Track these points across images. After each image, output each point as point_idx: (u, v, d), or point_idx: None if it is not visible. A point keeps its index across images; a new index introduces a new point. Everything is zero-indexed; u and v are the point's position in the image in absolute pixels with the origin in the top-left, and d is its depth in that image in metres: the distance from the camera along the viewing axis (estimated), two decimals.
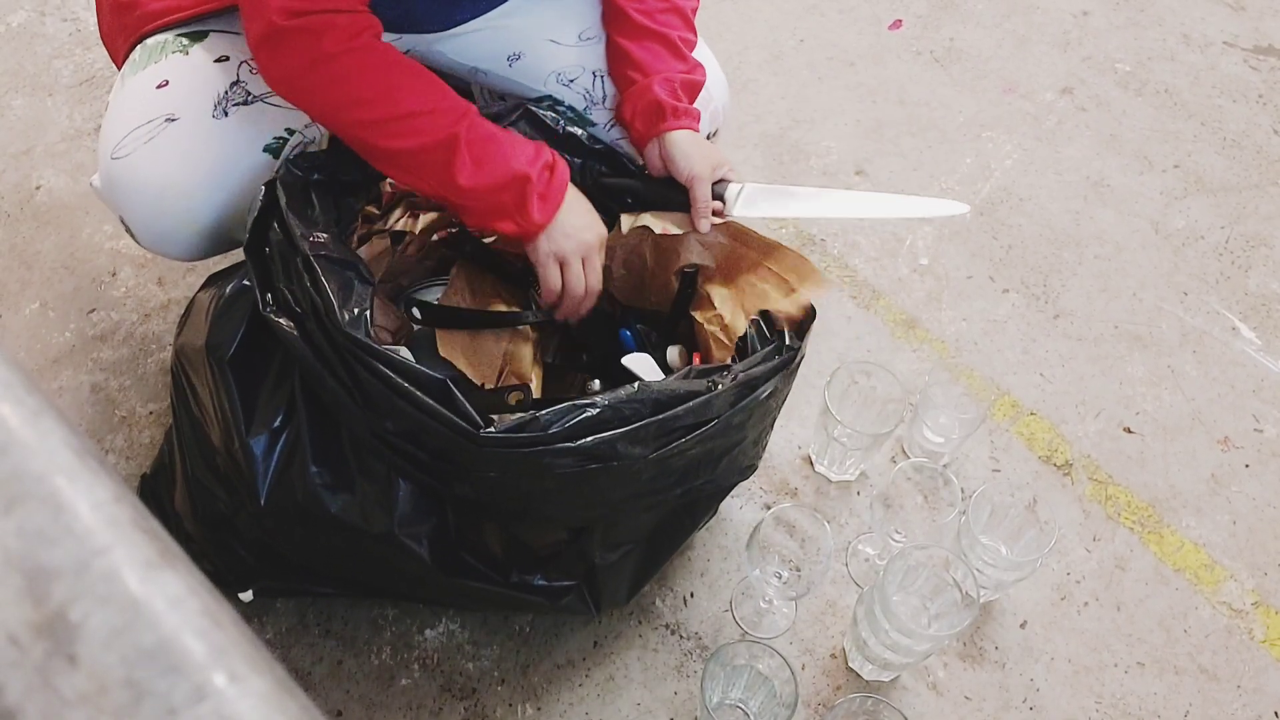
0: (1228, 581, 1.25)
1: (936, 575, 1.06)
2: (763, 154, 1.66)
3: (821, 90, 1.78)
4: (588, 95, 1.17)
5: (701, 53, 1.22)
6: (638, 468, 0.92)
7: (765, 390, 0.97)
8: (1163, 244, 1.61)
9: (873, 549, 1.23)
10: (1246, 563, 1.27)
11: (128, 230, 1.09)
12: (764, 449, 1.12)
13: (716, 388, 0.93)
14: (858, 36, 1.88)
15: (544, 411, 0.88)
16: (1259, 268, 1.59)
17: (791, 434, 1.32)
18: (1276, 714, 1.16)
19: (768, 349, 1.00)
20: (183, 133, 1.03)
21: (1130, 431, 1.38)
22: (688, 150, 1.08)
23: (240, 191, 1.05)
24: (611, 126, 1.18)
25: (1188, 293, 1.55)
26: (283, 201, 0.95)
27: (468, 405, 0.86)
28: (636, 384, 0.92)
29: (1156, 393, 1.43)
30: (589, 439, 0.87)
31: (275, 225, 0.96)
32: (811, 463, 1.30)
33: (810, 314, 1.05)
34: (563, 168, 1.01)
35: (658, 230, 1.09)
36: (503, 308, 1.20)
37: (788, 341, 1.02)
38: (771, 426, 1.10)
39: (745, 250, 1.10)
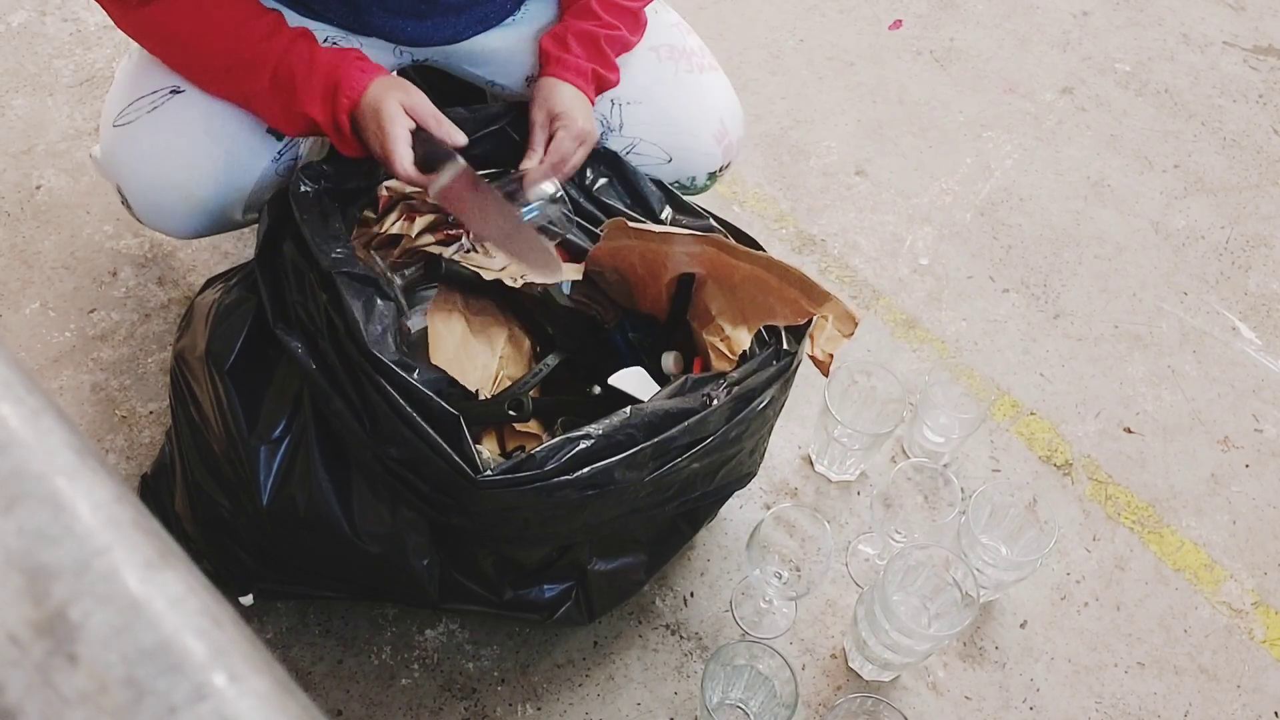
0: (1228, 581, 1.25)
1: (936, 575, 1.06)
2: (763, 154, 1.66)
3: (821, 90, 1.78)
4: (605, 121, 1.17)
5: (718, 83, 1.21)
6: (633, 489, 0.92)
7: (763, 401, 0.96)
8: (1163, 244, 1.61)
9: (873, 549, 1.23)
10: (1246, 563, 1.27)
11: (125, 203, 1.09)
12: (762, 457, 1.12)
13: (712, 403, 0.93)
14: (858, 36, 1.88)
15: (538, 449, 0.87)
16: (1259, 268, 1.59)
17: (791, 434, 1.32)
18: (1276, 714, 1.16)
19: (764, 355, 1.00)
20: (187, 103, 1.03)
21: (1130, 431, 1.38)
22: (543, 94, 1.08)
23: (241, 167, 1.05)
24: (627, 153, 1.18)
25: (1188, 293, 1.55)
26: (298, 215, 0.95)
27: (471, 446, 0.86)
28: (629, 409, 0.91)
29: (1156, 393, 1.43)
30: (585, 470, 0.87)
31: (288, 239, 0.96)
32: (811, 463, 1.30)
33: (808, 318, 1.04)
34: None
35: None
36: (497, 316, 1.20)
37: (785, 345, 1.01)
38: (769, 435, 1.10)
39: (733, 261, 1.09)
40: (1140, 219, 1.64)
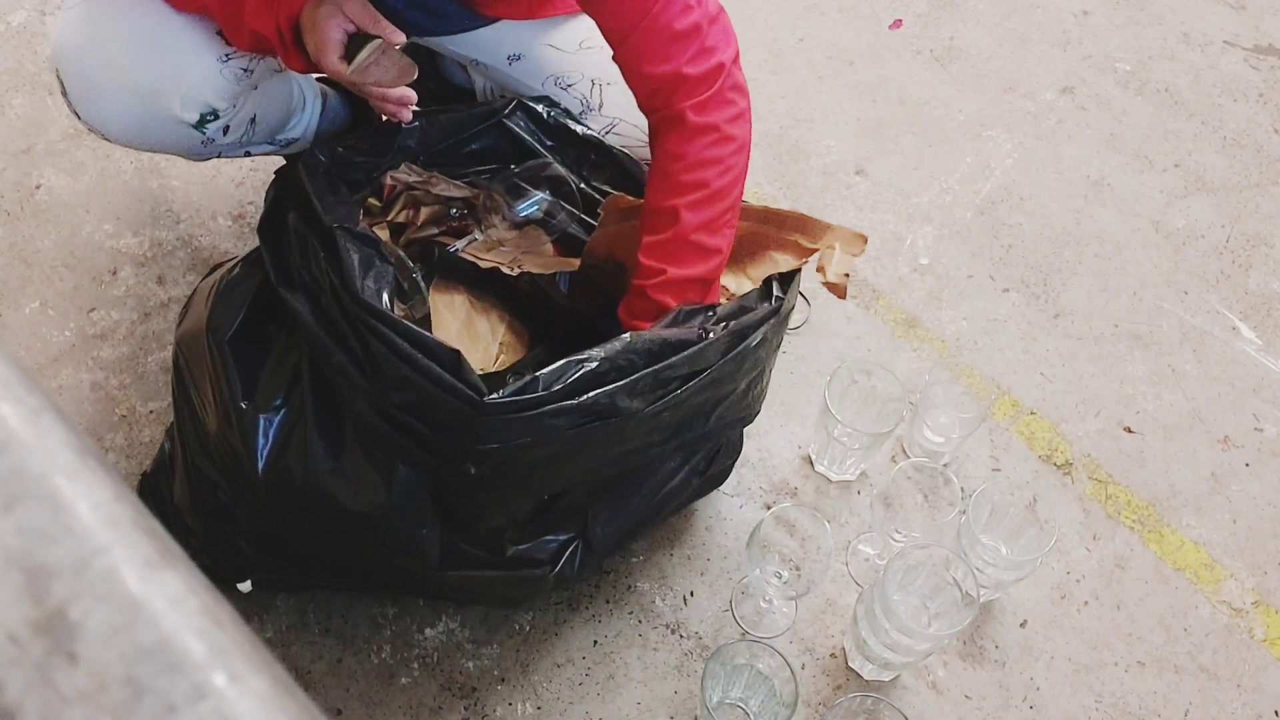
0: (1228, 580, 1.25)
1: (936, 574, 1.06)
2: (762, 153, 1.66)
3: (821, 89, 1.78)
4: (584, 101, 1.17)
5: None
6: (634, 421, 0.93)
7: (756, 338, 0.99)
8: (1163, 243, 1.61)
9: (873, 549, 1.23)
10: (1246, 562, 1.27)
11: (64, 94, 1.06)
12: (757, 401, 1.12)
13: (708, 336, 0.95)
14: (858, 36, 1.88)
15: (542, 371, 0.89)
16: (1259, 267, 1.59)
17: (791, 434, 1.32)
18: (1276, 713, 1.16)
19: (750, 293, 1.03)
20: None
21: (1130, 431, 1.38)
22: None
23: (183, 53, 1.03)
24: (606, 133, 1.18)
25: (1188, 292, 1.55)
26: (305, 177, 0.97)
27: (475, 375, 0.87)
28: (629, 334, 0.93)
29: (1157, 392, 1.43)
30: (588, 395, 0.89)
31: (293, 210, 0.98)
32: (811, 462, 1.30)
33: (812, 254, 1.06)
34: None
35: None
36: (497, 305, 1.20)
37: (774, 291, 1.03)
38: (762, 378, 1.10)
39: (742, 222, 1.10)
40: (1140, 218, 1.64)
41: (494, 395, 0.86)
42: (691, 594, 1.19)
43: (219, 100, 1.06)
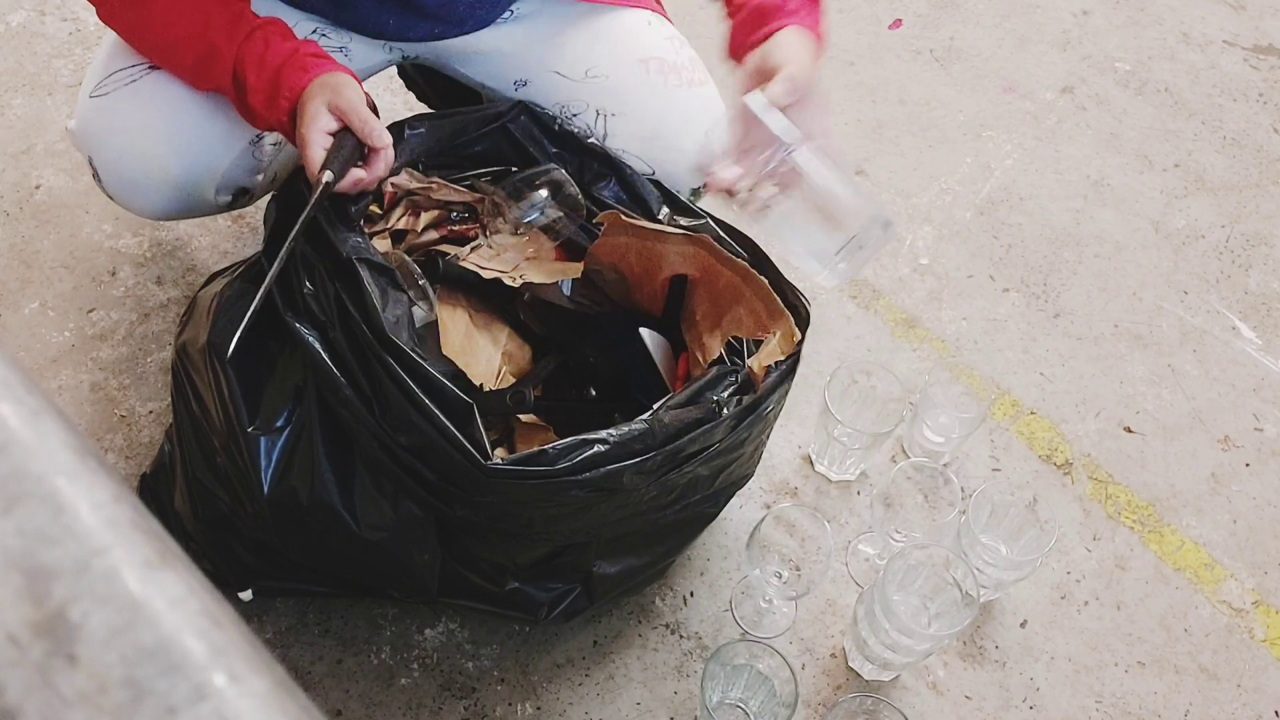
0: (1228, 581, 1.25)
1: (936, 575, 1.06)
2: None
3: None
4: (588, 131, 1.17)
5: (708, 98, 1.17)
6: (640, 493, 0.92)
7: (769, 405, 0.97)
8: (1163, 243, 1.61)
9: (873, 549, 1.23)
10: (1246, 562, 1.27)
11: (95, 177, 1.08)
12: (759, 458, 1.12)
13: (721, 414, 0.93)
14: (857, 36, 1.88)
15: (551, 446, 0.87)
16: (1259, 267, 1.59)
17: (791, 434, 1.32)
18: (1276, 713, 1.16)
19: (782, 369, 1.00)
20: (166, 78, 1.02)
21: (1130, 431, 1.38)
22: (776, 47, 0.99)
23: (216, 145, 1.04)
24: None
25: (1188, 292, 1.55)
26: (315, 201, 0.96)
27: (483, 434, 0.86)
28: (649, 421, 0.91)
29: (1157, 392, 1.43)
30: (594, 472, 0.87)
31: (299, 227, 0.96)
32: (811, 462, 1.30)
33: (768, 334, 1.04)
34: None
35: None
36: (498, 314, 1.20)
37: (750, 381, 1.01)
38: (769, 435, 1.10)
39: (720, 268, 1.09)
40: (1140, 218, 1.64)
41: (498, 461, 0.85)
42: (691, 594, 1.19)
43: (251, 180, 1.10)
